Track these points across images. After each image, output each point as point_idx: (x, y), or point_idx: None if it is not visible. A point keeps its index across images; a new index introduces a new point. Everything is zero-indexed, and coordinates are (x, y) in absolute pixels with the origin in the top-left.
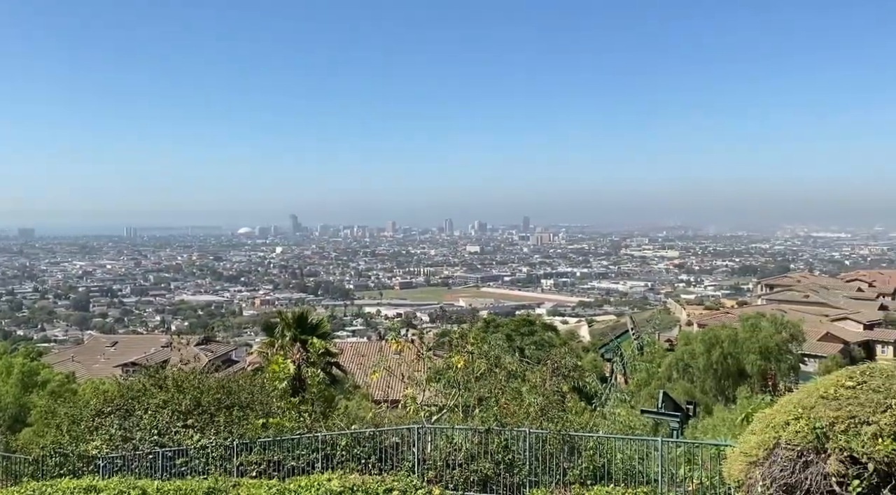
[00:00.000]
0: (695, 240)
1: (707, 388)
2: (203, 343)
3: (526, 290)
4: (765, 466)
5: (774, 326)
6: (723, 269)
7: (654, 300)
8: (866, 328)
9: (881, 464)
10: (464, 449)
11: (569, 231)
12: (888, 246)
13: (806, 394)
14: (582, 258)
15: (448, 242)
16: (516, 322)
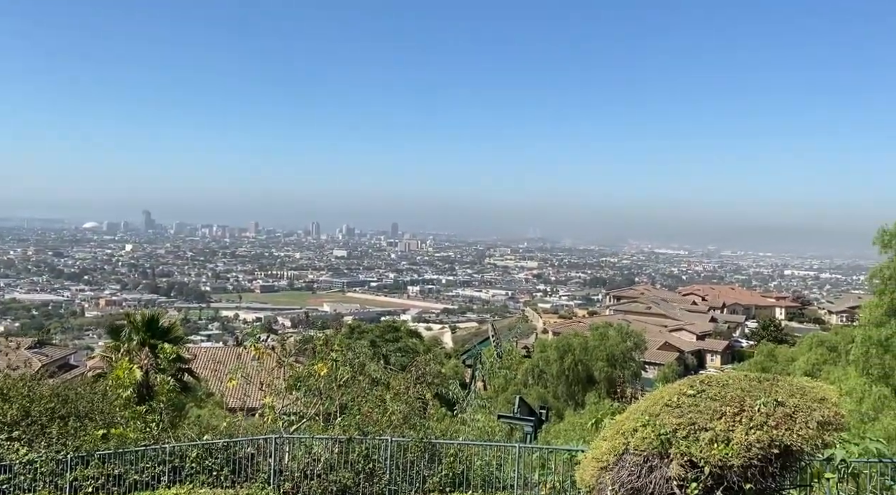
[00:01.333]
0: (552, 252)
1: (559, 393)
2: (36, 346)
3: (392, 296)
4: (614, 471)
5: (620, 335)
6: (576, 280)
7: (514, 308)
8: (699, 338)
9: (716, 468)
10: (323, 459)
11: (436, 239)
12: (719, 263)
13: (652, 402)
14: (448, 266)
15: (314, 246)
16: (381, 328)
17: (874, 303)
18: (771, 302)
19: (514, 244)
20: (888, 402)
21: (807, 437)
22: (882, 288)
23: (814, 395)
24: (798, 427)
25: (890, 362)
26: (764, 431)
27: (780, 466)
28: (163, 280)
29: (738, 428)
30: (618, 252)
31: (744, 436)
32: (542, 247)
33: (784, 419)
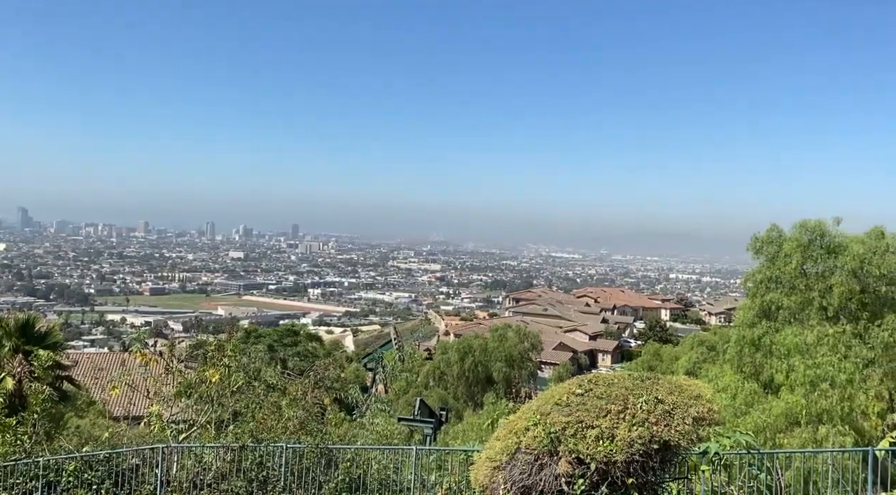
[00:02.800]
0: (455, 255)
1: (460, 394)
2: None
3: (292, 299)
4: (506, 470)
5: (518, 336)
6: (478, 283)
7: (416, 311)
8: (591, 338)
9: (601, 464)
10: (214, 468)
11: (339, 240)
12: (610, 267)
13: (544, 401)
14: (351, 268)
15: (209, 247)
16: (280, 332)
17: (747, 305)
18: (657, 303)
19: (417, 246)
20: (758, 398)
21: (683, 433)
22: (754, 291)
23: (690, 393)
24: (676, 423)
25: (760, 360)
26: (645, 428)
27: (660, 460)
28: (41, 281)
29: (622, 425)
30: (518, 255)
31: (627, 433)
32: (446, 250)
33: (663, 416)
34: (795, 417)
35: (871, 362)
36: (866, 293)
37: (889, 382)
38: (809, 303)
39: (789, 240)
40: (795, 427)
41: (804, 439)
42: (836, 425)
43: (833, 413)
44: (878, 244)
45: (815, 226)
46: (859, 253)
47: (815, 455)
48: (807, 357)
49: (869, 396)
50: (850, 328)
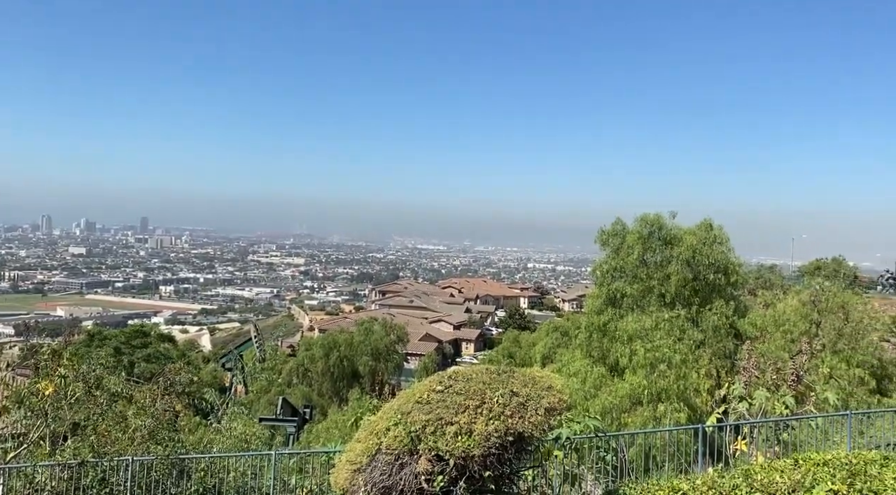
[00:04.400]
0: (319, 248)
1: (325, 391)
2: None
3: (142, 298)
4: (367, 472)
5: (384, 329)
6: (344, 276)
7: (279, 306)
8: (455, 328)
9: (459, 459)
10: (48, 489)
11: (193, 235)
12: (473, 258)
13: (405, 400)
14: (207, 263)
15: (45, 242)
16: (128, 333)
17: (595, 293)
18: (516, 292)
19: (280, 240)
20: (605, 380)
21: (536, 423)
22: (601, 280)
23: (543, 384)
24: (530, 415)
25: (607, 345)
26: (501, 421)
27: (515, 451)
28: None
29: (480, 419)
30: (384, 248)
31: (484, 427)
32: (310, 243)
33: (518, 408)
34: (638, 397)
35: (701, 343)
36: (698, 280)
37: (717, 361)
38: (650, 291)
39: (631, 233)
40: (638, 406)
41: (645, 417)
42: (673, 402)
43: (670, 391)
44: (708, 235)
45: (653, 219)
46: (692, 244)
47: (653, 433)
48: (647, 341)
49: (700, 374)
50: (685, 313)
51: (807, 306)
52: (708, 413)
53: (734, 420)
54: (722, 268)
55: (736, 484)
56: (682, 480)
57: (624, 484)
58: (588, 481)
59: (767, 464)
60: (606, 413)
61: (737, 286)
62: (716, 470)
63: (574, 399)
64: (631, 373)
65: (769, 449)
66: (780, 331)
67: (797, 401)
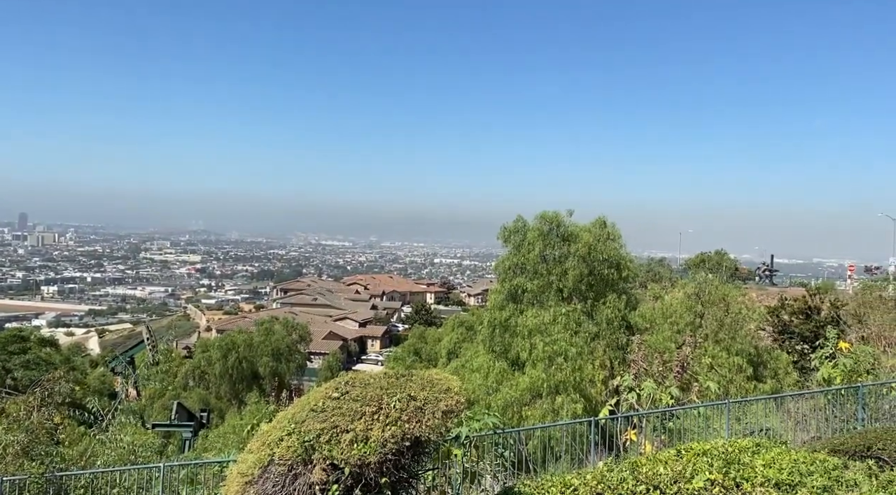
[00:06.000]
0: (217, 245)
1: (223, 393)
2: None
3: (21, 299)
4: (259, 484)
5: (286, 329)
6: (243, 274)
7: (174, 306)
8: (361, 325)
9: (355, 467)
10: None
11: (79, 231)
12: (380, 254)
13: (299, 408)
14: (94, 262)
15: None
16: (4, 338)
17: (497, 289)
18: (423, 288)
19: (174, 236)
20: (507, 375)
21: (434, 427)
22: (503, 277)
23: (440, 387)
24: (427, 418)
25: (509, 340)
26: (398, 426)
27: (413, 455)
28: None
29: (376, 426)
30: (286, 244)
31: (380, 433)
32: (207, 240)
33: (415, 412)
34: (538, 390)
35: (596, 336)
36: (593, 275)
37: (611, 353)
38: (549, 287)
39: (532, 230)
40: (538, 399)
41: (545, 409)
42: (570, 394)
43: (567, 383)
44: (602, 232)
45: (552, 216)
46: (587, 240)
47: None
48: (545, 335)
49: (595, 366)
50: (581, 307)
51: (692, 298)
52: (603, 403)
53: (625, 410)
54: (615, 264)
55: (623, 478)
56: (573, 475)
57: (520, 481)
58: (488, 478)
59: (653, 456)
60: (508, 407)
61: (628, 280)
62: (605, 464)
63: (477, 394)
64: (531, 367)
65: (657, 438)
66: (667, 322)
67: (682, 391)
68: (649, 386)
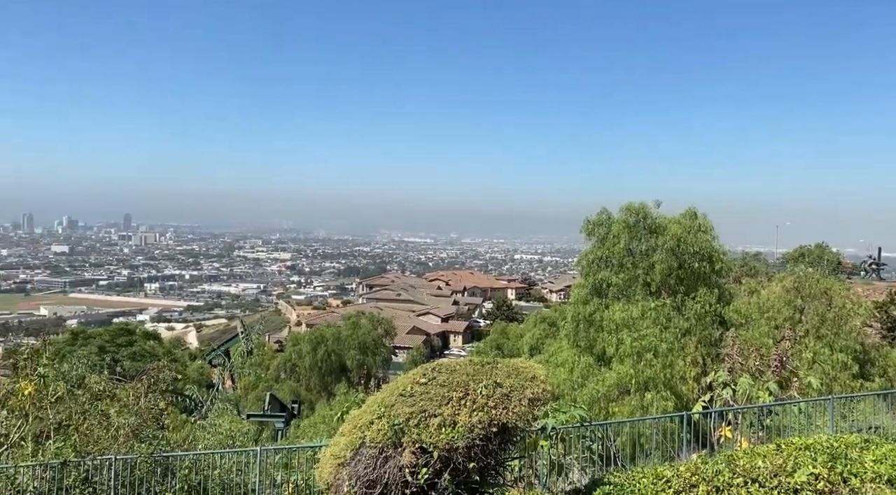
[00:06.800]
0: (306, 243)
1: (312, 386)
2: None
3: (126, 295)
4: (351, 465)
5: (372, 323)
6: (330, 270)
7: (266, 302)
8: (443, 321)
9: (443, 451)
10: (30, 490)
11: (178, 231)
12: (460, 250)
13: (389, 393)
14: (192, 260)
15: (27, 241)
16: (112, 331)
17: (581, 283)
18: (504, 284)
19: (265, 235)
20: (592, 370)
21: (520, 414)
22: (587, 270)
23: (526, 375)
24: (513, 405)
25: (594, 335)
26: (485, 412)
27: (500, 442)
28: None
29: (463, 411)
30: (371, 241)
31: (468, 419)
32: (296, 238)
33: (501, 399)
34: (626, 386)
35: (687, 332)
36: (683, 269)
37: (703, 349)
38: (635, 280)
39: (617, 222)
40: (626, 395)
41: (633, 406)
42: (660, 391)
43: (657, 380)
44: (692, 224)
45: (638, 208)
46: (676, 233)
47: (641, 421)
48: (633, 330)
49: (686, 363)
50: (670, 301)
51: (790, 293)
52: (694, 401)
53: (719, 407)
54: (707, 257)
55: (719, 470)
56: (666, 467)
57: (610, 472)
58: (575, 470)
59: (750, 450)
60: (594, 402)
61: (721, 274)
62: (699, 457)
63: (562, 389)
64: (618, 363)
65: (754, 435)
66: (764, 317)
67: (781, 387)
68: (745, 382)
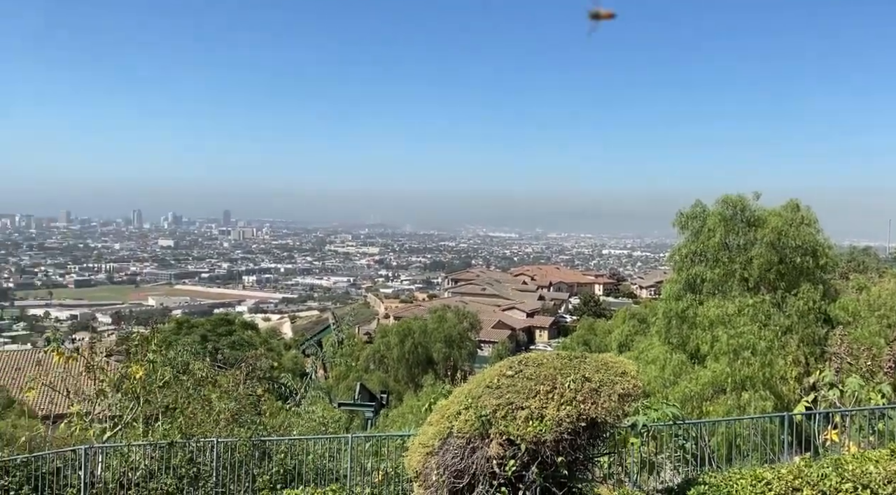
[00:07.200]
0: (393, 238)
1: (400, 377)
2: None
3: (226, 287)
4: (439, 455)
5: (457, 317)
6: (417, 265)
7: (355, 295)
8: (528, 316)
9: (531, 444)
10: (142, 467)
11: (273, 226)
12: (546, 245)
13: (475, 385)
14: (286, 254)
15: (136, 235)
16: (213, 321)
17: (673, 278)
18: (591, 279)
19: (355, 230)
20: (685, 368)
21: (610, 409)
22: (680, 265)
23: (616, 370)
24: (603, 400)
25: (686, 331)
26: (573, 406)
27: (588, 437)
28: None
29: (551, 404)
30: (455, 236)
31: (555, 412)
32: (384, 233)
33: (590, 394)
34: (721, 385)
35: (788, 329)
36: (784, 264)
37: (805, 347)
38: (732, 275)
39: (712, 215)
40: (721, 394)
41: (729, 405)
42: (758, 390)
43: (755, 379)
44: (794, 216)
45: (736, 200)
46: (777, 225)
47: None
48: (729, 327)
49: (787, 362)
50: (769, 298)
51: None
52: (795, 402)
53: (824, 408)
54: (810, 251)
55: (825, 474)
56: (766, 469)
57: (705, 472)
58: (667, 469)
59: (860, 454)
60: (687, 401)
61: (826, 269)
62: (803, 460)
63: (652, 387)
64: (713, 361)
65: (864, 440)
66: (874, 315)
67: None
68: (854, 383)
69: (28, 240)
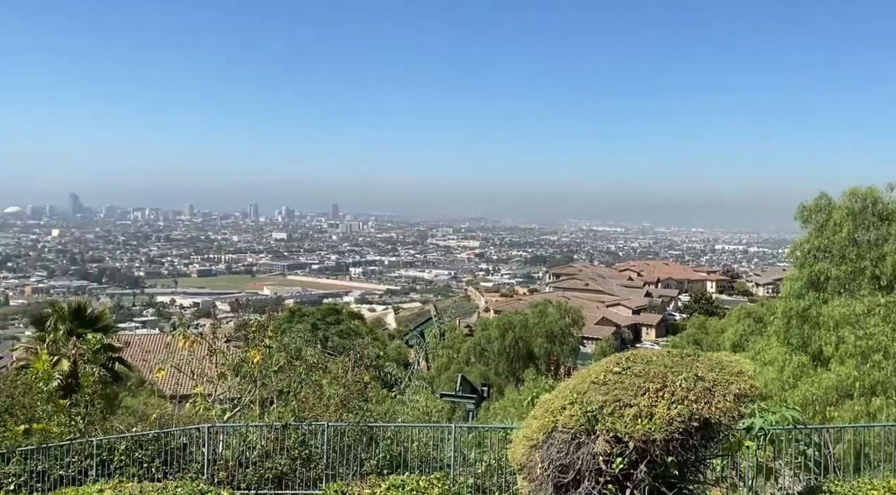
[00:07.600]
0: (493, 232)
1: (501, 370)
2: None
3: (334, 278)
4: (543, 449)
5: (559, 312)
6: (517, 259)
7: (456, 287)
8: (634, 312)
9: (639, 442)
10: (259, 447)
11: (378, 219)
12: (654, 239)
13: (581, 380)
14: (390, 247)
15: (252, 228)
16: (323, 311)
17: (794, 275)
18: (702, 276)
19: (455, 224)
20: (806, 370)
21: (724, 410)
22: (802, 261)
23: (731, 369)
24: (716, 400)
25: (808, 332)
26: (685, 405)
27: (701, 438)
28: (93, 265)
29: (661, 403)
30: (557, 230)
31: (666, 411)
32: (484, 227)
33: (703, 393)
34: (847, 389)
35: None
36: None
37: None
38: (861, 273)
39: (839, 208)
40: (847, 399)
41: (856, 412)
42: (891, 397)
43: (887, 384)
44: None
45: (866, 193)
46: None
47: (867, 428)
48: (857, 328)
49: None
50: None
51: None
52: None
53: None
54: None
55: None
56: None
57: (829, 480)
58: (786, 476)
59: None
60: (808, 405)
61: None
62: None
63: (770, 389)
64: (837, 363)
65: None
66: None
67: None
68: None
69: (156, 231)
